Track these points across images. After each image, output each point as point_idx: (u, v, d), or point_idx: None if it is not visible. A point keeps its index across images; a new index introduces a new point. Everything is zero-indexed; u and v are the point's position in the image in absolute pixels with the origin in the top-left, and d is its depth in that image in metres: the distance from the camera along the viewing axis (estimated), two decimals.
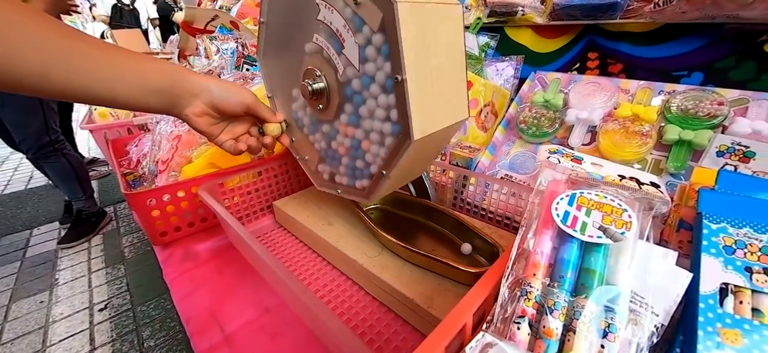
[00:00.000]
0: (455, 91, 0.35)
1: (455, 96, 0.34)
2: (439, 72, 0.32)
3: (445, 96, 0.33)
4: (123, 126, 0.77)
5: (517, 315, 0.20)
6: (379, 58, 0.29)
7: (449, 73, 0.33)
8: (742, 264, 0.21)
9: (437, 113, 0.32)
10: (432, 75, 0.31)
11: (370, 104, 0.33)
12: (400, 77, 0.27)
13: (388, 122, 0.31)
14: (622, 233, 0.21)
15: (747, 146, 0.34)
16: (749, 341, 0.20)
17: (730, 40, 0.53)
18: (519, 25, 0.71)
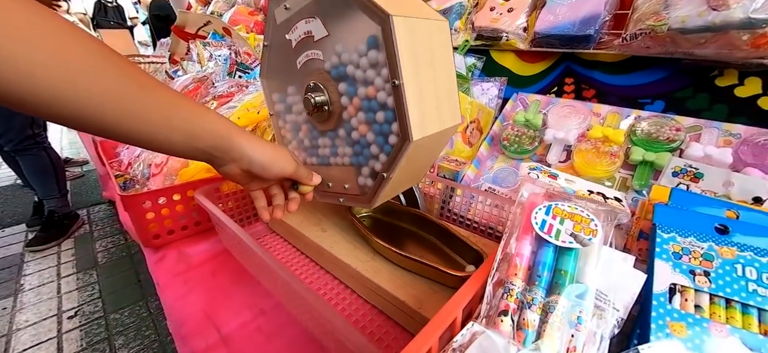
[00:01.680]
0: (448, 96, 0.38)
1: (448, 101, 0.38)
2: (432, 78, 0.35)
3: (439, 100, 0.36)
4: None
5: (501, 310, 0.23)
6: (376, 67, 0.32)
7: (442, 80, 0.37)
8: (687, 268, 0.25)
9: (433, 115, 0.35)
10: (426, 81, 0.34)
11: (370, 114, 0.36)
12: (397, 81, 0.30)
13: (387, 125, 0.34)
14: (589, 239, 0.24)
15: (697, 169, 0.39)
16: (692, 332, 0.23)
17: (687, 74, 0.60)
18: (503, 49, 0.76)
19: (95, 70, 0.22)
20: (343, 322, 0.26)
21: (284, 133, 0.48)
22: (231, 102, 0.73)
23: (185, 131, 0.28)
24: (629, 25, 0.60)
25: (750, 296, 0.24)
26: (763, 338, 0.22)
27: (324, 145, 0.44)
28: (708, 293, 0.24)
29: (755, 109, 0.54)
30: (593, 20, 0.63)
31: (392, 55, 0.30)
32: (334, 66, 0.35)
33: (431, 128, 0.35)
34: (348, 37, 0.33)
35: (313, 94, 0.40)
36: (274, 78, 0.46)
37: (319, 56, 0.37)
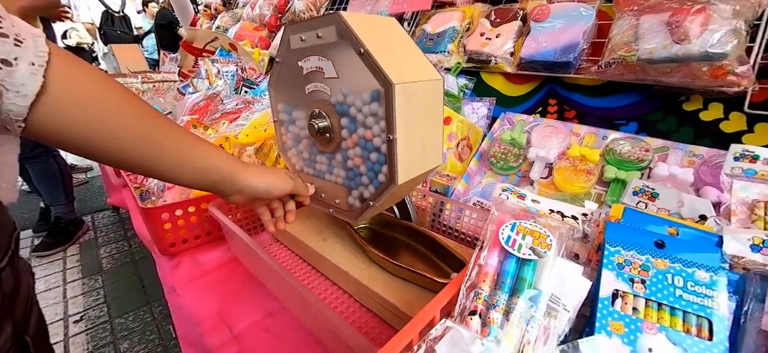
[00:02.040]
0: (433, 142, 0.44)
1: (433, 146, 0.44)
2: (421, 130, 0.41)
3: (424, 147, 0.42)
4: None
5: (471, 310, 0.28)
6: (375, 117, 0.38)
7: (429, 129, 0.43)
8: (628, 276, 0.30)
9: (418, 161, 0.41)
10: (416, 133, 0.40)
11: (365, 152, 0.41)
12: (392, 136, 0.36)
13: (378, 163, 0.40)
14: (545, 252, 0.29)
15: (653, 189, 0.45)
16: (628, 330, 0.28)
17: (658, 98, 0.66)
18: (492, 71, 0.82)
19: (126, 117, 0.28)
20: (341, 321, 0.31)
21: (285, 139, 0.54)
22: (238, 120, 0.79)
23: (196, 168, 0.33)
24: (605, 54, 0.66)
25: (677, 300, 0.29)
26: (685, 335, 0.27)
27: (321, 161, 0.49)
28: (643, 298, 0.29)
29: (717, 132, 0.60)
30: (572, 48, 0.68)
31: (390, 116, 0.35)
32: (339, 102, 0.41)
33: (415, 172, 0.41)
34: (355, 84, 0.39)
35: (317, 120, 0.45)
36: (281, 91, 0.51)
37: (326, 91, 0.42)
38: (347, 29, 0.36)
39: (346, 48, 0.37)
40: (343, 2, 1.31)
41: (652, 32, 0.59)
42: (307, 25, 0.41)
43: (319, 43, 0.41)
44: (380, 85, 0.36)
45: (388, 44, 0.39)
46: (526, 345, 0.26)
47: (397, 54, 0.39)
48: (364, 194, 0.45)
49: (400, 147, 0.37)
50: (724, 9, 0.55)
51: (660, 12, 0.60)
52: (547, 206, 0.39)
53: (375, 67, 0.35)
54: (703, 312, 0.28)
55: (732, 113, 0.59)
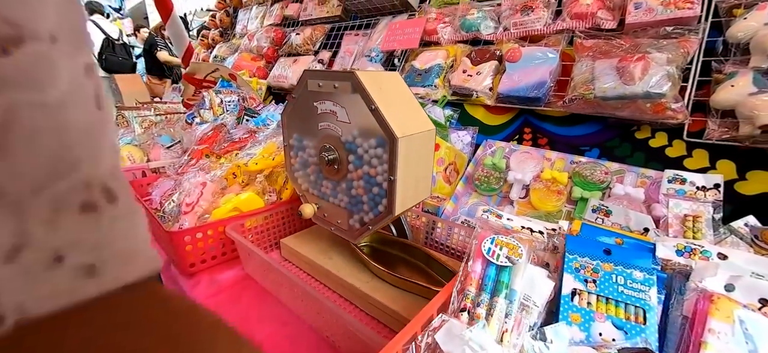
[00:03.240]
0: (425, 179, 0.52)
1: (424, 182, 0.52)
2: (416, 170, 0.49)
3: (417, 183, 0.51)
4: (138, 169, 0.87)
5: (461, 308, 0.36)
6: (380, 159, 0.46)
7: (422, 169, 0.51)
8: (583, 277, 0.39)
9: (412, 195, 0.50)
10: (412, 173, 0.48)
11: (367, 185, 0.49)
12: (392, 178, 0.44)
13: (379, 197, 0.48)
14: (517, 260, 0.37)
15: (607, 207, 0.54)
16: (583, 319, 0.36)
17: (615, 128, 0.77)
18: (474, 104, 0.93)
19: None
20: (355, 321, 0.38)
21: (293, 163, 0.61)
22: (246, 148, 0.86)
23: None
24: (568, 91, 0.77)
25: (619, 295, 0.37)
26: (626, 321, 0.35)
27: (326, 186, 0.57)
28: (595, 294, 0.38)
29: (664, 156, 0.71)
30: (541, 85, 0.79)
31: (393, 163, 0.44)
32: (348, 142, 0.49)
33: (409, 204, 0.50)
34: (364, 130, 0.47)
35: (327, 153, 0.53)
36: (294, 121, 0.59)
37: (337, 131, 0.50)
38: (360, 86, 0.45)
39: (358, 101, 0.46)
40: (338, 37, 1.42)
41: (604, 74, 0.71)
42: (326, 75, 0.50)
43: (334, 91, 0.49)
44: (386, 136, 0.44)
45: (392, 99, 0.48)
46: (505, 333, 0.34)
47: (399, 108, 0.48)
48: (364, 219, 0.53)
49: (398, 186, 0.45)
50: (659, 57, 0.67)
51: (611, 57, 0.72)
52: (519, 223, 0.47)
53: (383, 121, 0.43)
54: (640, 304, 0.36)
55: (674, 141, 0.70)
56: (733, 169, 0.64)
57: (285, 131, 0.61)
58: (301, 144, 0.59)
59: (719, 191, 0.51)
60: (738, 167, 0.64)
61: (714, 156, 0.66)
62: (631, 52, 0.69)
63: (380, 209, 0.50)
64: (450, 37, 1.03)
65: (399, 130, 0.45)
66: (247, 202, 0.65)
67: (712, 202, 0.49)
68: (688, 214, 0.48)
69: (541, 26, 0.86)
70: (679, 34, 0.69)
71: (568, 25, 0.83)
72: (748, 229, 0.46)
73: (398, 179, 0.46)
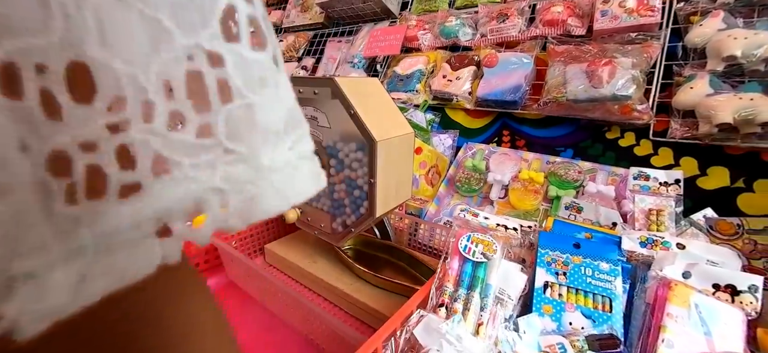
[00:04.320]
0: (405, 182, 0.54)
1: (404, 185, 0.54)
2: (396, 173, 0.51)
3: (398, 186, 0.52)
4: None
5: (439, 303, 0.37)
6: (360, 162, 0.47)
7: (401, 172, 0.53)
8: (554, 271, 0.41)
9: (392, 197, 0.51)
10: (391, 176, 0.50)
11: (349, 188, 0.50)
12: (372, 180, 0.45)
13: (360, 199, 0.49)
14: (492, 256, 0.39)
15: (579, 203, 0.56)
16: (555, 310, 0.38)
17: (587, 129, 0.80)
18: (455, 108, 0.95)
19: None
20: (338, 322, 0.38)
21: None
22: None
23: None
24: (542, 95, 0.80)
25: (587, 285, 0.39)
26: (594, 310, 0.37)
27: None
28: (566, 286, 0.40)
29: (632, 155, 0.75)
30: (517, 89, 0.82)
31: (373, 165, 0.45)
32: (329, 146, 0.50)
33: (390, 206, 0.51)
34: (344, 135, 0.48)
35: None
36: None
37: (319, 136, 0.51)
38: (340, 92, 0.46)
39: (338, 106, 0.47)
40: (321, 44, 1.43)
41: (575, 78, 0.74)
42: (306, 81, 0.51)
43: (314, 97, 0.50)
44: (365, 140, 0.45)
45: (371, 104, 0.49)
46: (480, 326, 0.35)
47: (378, 113, 0.49)
48: (346, 222, 0.54)
49: (378, 188, 0.46)
50: (625, 61, 0.71)
51: (581, 62, 0.76)
52: (495, 221, 0.49)
53: (362, 126, 0.45)
54: (606, 293, 0.38)
55: (642, 140, 0.74)
56: (695, 165, 0.68)
57: None
58: None
59: (680, 186, 0.55)
60: (699, 164, 0.68)
61: (678, 154, 0.70)
62: (599, 57, 0.73)
63: (362, 212, 0.51)
64: (430, 44, 1.06)
65: (378, 134, 0.46)
66: None
67: (674, 197, 0.53)
68: (652, 208, 0.52)
69: (516, 33, 0.90)
70: (643, 40, 0.74)
71: (541, 32, 0.86)
72: (705, 221, 0.49)
73: (378, 182, 0.47)
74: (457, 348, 0.31)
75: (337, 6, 1.27)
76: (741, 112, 0.59)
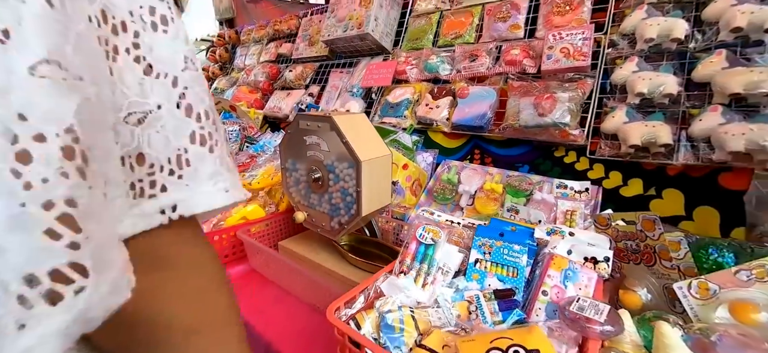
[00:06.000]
0: (385, 190, 0.72)
1: (385, 191, 0.72)
2: (377, 184, 0.69)
3: (379, 192, 0.70)
4: None
5: (400, 271, 0.55)
6: (350, 176, 0.66)
7: (381, 183, 0.71)
8: (482, 251, 0.58)
9: (375, 200, 0.69)
10: (374, 185, 0.68)
11: (343, 195, 0.69)
12: (359, 189, 0.64)
13: (351, 203, 0.67)
14: (438, 240, 0.57)
15: (517, 207, 0.74)
16: (480, 276, 0.55)
17: (539, 149, 0.98)
18: (435, 130, 1.14)
19: None
20: (334, 283, 0.56)
21: (288, 181, 0.81)
22: (248, 170, 1.05)
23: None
24: (504, 121, 0.99)
25: (503, 260, 0.56)
26: (506, 276, 0.55)
27: (313, 198, 0.76)
28: (489, 261, 0.57)
29: (574, 170, 0.92)
30: (483, 117, 1.01)
31: (359, 178, 0.64)
32: (328, 164, 0.69)
33: (373, 208, 0.69)
34: (339, 156, 0.67)
35: (313, 172, 0.73)
36: (289, 149, 0.79)
37: (320, 157, 0.70)
38: (336, 126, 0.65)
39: (334, 136, 0.66)
40: (325, 74, 1.65)
41: (526, 109, 0.93)
42: (312, 117, 0.70)
43: (318, 129, 0.70)
44: (354, 160, 0.64)
45: (359, 134, 0.68)
46: (426, 285, 0.53)
47: (364, 140, 0.68)
48: (341, 221, 0.72)
49: (364, 195, 0.65)
50: (563, 96, 0.89)
51: (531, 95, 0.94)
52: (445, 218, 0.67)
53: (351, 150, 0.64)
54: (515, 265, 0.56)
55: (581, 157, 0.92)
56: (620, 178, 0.86)
57: (282, 156, 0.81)
58: (294, 167, 0.79)
59: (588, 193, 0.72)
60: (622, 176, 0.85)
61: (607, 168, 0.88)
62: (544, 92, 0.92)
63: (352, 213, 0.69)
64: (416, 77, 1.26)
65: (363, 156, 0.65)
66: (253, 212, 0.84)
67: (584, 201, 0.70)
68: (569, 209, 0.69)
69: (484, 70, 1.09)
70: (578, 78, 0.92)
71: (504, 69, 1.06)
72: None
73: (363, 191, 0.65)
74: (406, 294, 0.49)
75: (339, 44, 1.49)
76: (646, 136, 0.77)
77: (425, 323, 0.46)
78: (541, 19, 1.07)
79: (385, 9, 1.38)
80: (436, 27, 1.31)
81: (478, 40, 1.19)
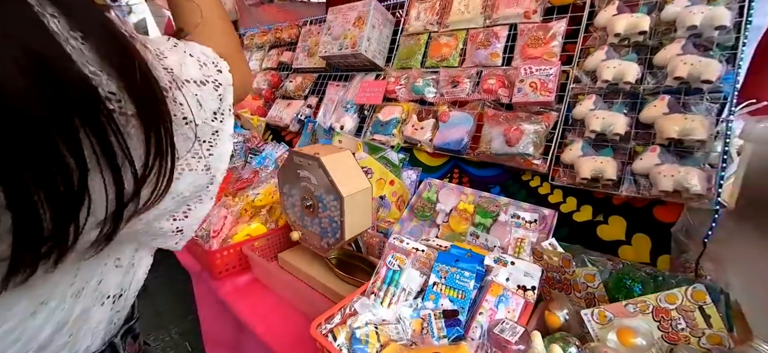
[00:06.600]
0: (365, 216, 0.85)
1: (365, 218, 0.85)
2: (359, 212, 0.82)
3: (361, 218, 0.84)
4: None
5: (371, 292, 0.68)
6: (336, 207, 0.79)
7: (362, 210, 0.84)
8: (439, 275, 0.71)
9: (356, 226, 0.83)
10: (355, 214, 0.81)
11: (330, 221, 0.82)
12: (343, 219, 0.77)
13: (336, 229, 0.81)
14: (403, 267, 0.70)
15: (478, 231, 0.87)
16: (436, 297, 0.69)
17: (510, 172, 1.10)
18: (420, 150, 1.26)
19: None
20: (320, 296, 0.70)
21: (286, 204, 0.94)
22: (252, 185, 1.18)
23: None
24: (479, 146, 1.10)
25: (455, 284, 0.70)
26: (455, 298, 0.68)
27: (306, 220, 0.90)
28: (444, 284, 0.70)
29: (538, 193, 1.04)
30: (460, 142, 1.13)
31: (342, 210, 0.77)
32: (317, 195, 0.82)
33: (355, 232, 0.83)
34: (326, 190, 0.80)
35: (305, 200, 0.86)
36: (285, 177, 0.92)
37: (311, 188, 0.83)
38: (323, 166, 0.78)
39: (323, 172, 0.79)
40: (323, 85, 1.75)
41: (497, 138, 1.04)
42: (304, 156, 0.83)
43: (309, 165, 0.83)
44: (338, 195, 0.77)
45: (343, 170, 0.81)
46: (392, 304, 0.66)
47: (347, 176, 0.81)
48: (329, 242, 0.86)
49: (346, 223, 0.78)
50: (529, 128, 1.00)
51: (502, 125, 1.05)
52: (411, 245, 0.80)
53: (335, 186, 0.77)
54: (463, 288, 0.69)
55: (544, 183, 1.03)
56: (575, 203, 0.98)
57: (280, 181, 0.95)
58: (290, 192, 0.93)
59: (537, 223, 0.85)
60: (577, 202, 0.97)
61: (566, 194, 1.00)
62: (513, 123, 1.03)
63: (337, 236, 0.83)
64: (404, 97, 1.36)
65: (345, 191, 0.78)
66: (256, 229, 0.98)
67: (532, 230, 0.82)
68: (520, 237, 0.81)
69: (465, 95, 1.20)
70: (544, 111, 1.03)
71: (481, 96, 1.16)
72: (542, 247, 0.79)
73: (346, 220, 0.79)
74: (373, 313, 0.63)
75: (335, 59, 1.59)
76: (594, 171, 0.89)
77: (386, 337, 0.60)
78: (518, 48, 1.16)
79: (377, 29, 1.48)
80: (424, 48, 1.40)
81: (461, 63, 1.29)
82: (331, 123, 1.53)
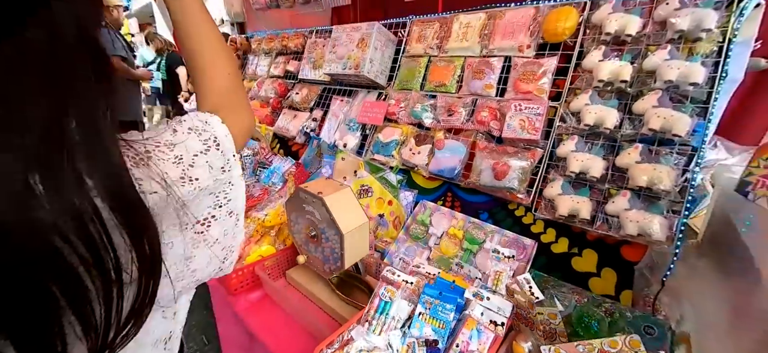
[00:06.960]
0: (362, 247, 0.96)
1: (362, 249, 0.96)
2: (357, 245, 0.93)
3: (357, 253, 0.95)
4: None
5: (365, 320, 0.80)
6: (337, 240, 0.90)
7: (360, 243, 0.95)
8: (425, 306, 0.83)
9: (355, 255, 0.94)
10: (354, 246, 0.92)
11: (331, 250, 0.93)
12: (342, 252, 0.88)
13: (337, 258, 0.92)
14: (394, 298, 0.82)
15: (463, 261, 0.97)
16: (420, 326, 0.81)
17: (498, 200, 1.19)
18: (417, 173, 1.36)
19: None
20: (324, 315, 0.83)
21: (292, 228, 1.06)
22: (261, 203, 1.30)
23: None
24: (471, 175, 1.19)
25: (437, 315, 0.81)
26: (437, 328, 0.80)
27: (311, 246, 1.02)
28: (428, 315, 0.82)
29: (522, 223, 1.14)
30: (453, 170, 1.22)
31: (341, 245, 0.88)
32: (320, 228, 0.93)
33: (353, 261, 0.94)
34: (328, 225, 0.91)
35: (310, 231, 0.98)
36: (292, 207, 1.03)
37: (315, 222, 0.94)
38: (325, 205, 0.88)
39: (325, 210, 0.90)
40: (328, 98, 1.84)
41: (487, 170, 1.13)
42: (308, 193, 0.94)
43: (313, 201, 0.93)
44: (338, 231, 0.88)
45: (343, 207, 0.91)
46: (382, 332, 0.78)
47: (347, 213, 0.92)
48: (331, 267, 0.98)
49: (346, 255, 0.90)
50: (516, 164, 1.09)
51: (492, 158, 1.14)
52: (402, 277, 0.91)
53: (336, 223, 0.88)
54: (444, 319, 0.80)
55: (528, 213, 1.13)
56: (554, 234, 1.07)
57: (288, 210, 1.06)
58: (297, 220, 1.04)
59: (515, 258, 0.95)
60: (556, 234, 1.07)
61: (547, 225, 1.09)
62: (501, 158, 1.12)
63: (337, 264, 0.94)
64: (404, 119, 1.45)
65: (344, 227, 0.89)
66: (266, 250, 1.10)
67: (509, 265, 0.93)
68: (498, 271, 0.92)
69: (459, 124, 1.28)
70: (531, 148, 1.11)
71: (475, 127, 1.24)
72: (518, 282, 0.89)
73: (346, 253, 0.90)
74: (366, 340, 0.75)
75: (339, 77, 1.67)
76: (570, 210, 0.98)
77: None
78: (511, 81, 1.23)
79: (380, 50, 1.55)
80: (424, 71, 1.48)
81: (458, 90, 1.36)
82: (335, 140, 1.62)
